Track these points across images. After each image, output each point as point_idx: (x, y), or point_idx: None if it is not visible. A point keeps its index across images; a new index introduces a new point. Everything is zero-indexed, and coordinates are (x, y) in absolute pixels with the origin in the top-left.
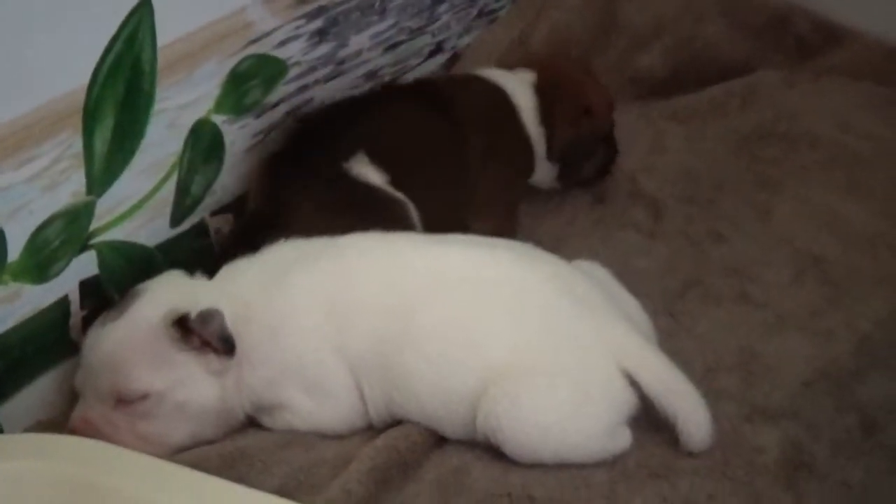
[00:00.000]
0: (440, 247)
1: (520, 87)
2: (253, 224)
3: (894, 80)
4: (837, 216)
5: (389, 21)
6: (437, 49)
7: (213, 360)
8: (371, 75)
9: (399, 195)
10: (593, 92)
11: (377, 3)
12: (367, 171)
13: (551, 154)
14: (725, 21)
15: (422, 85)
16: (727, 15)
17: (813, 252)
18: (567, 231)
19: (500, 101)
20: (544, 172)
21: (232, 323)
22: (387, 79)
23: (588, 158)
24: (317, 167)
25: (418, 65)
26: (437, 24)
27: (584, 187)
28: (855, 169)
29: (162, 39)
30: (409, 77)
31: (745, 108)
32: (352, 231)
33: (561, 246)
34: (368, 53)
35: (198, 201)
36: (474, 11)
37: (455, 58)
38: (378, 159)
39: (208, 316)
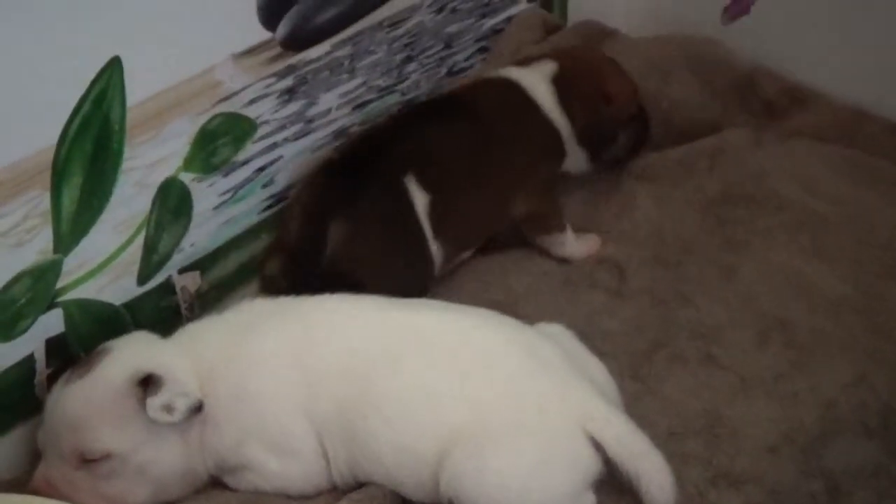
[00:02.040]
0: (404, 311)
1: (536, 80)
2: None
3: (860, 142)
4: (803, 279)
5: (358, 80)
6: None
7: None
8: (340, 133)
9: (426, 227)
10: (613, 79)
11: (346, 63)
12: (415, 191)
13: (577, 140)
14: (693, 80)
15: (449, 99)
16: (695, 74)
17: (778, 315)
18: (533, 289)
19: (518, 97)
20: (575, 157)
21: (197, 383)
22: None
23: (612, 142)
24: (377, 177)
25: None
26: (407, 83)
27: (617, 167)
28: (821, 232)
29: (131, 98)
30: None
31: (713, 168)
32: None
33: (527, 304)
34: (337, 112)
35: (165, 259)
36: (443, 70)
37: None
38: (424, 181)
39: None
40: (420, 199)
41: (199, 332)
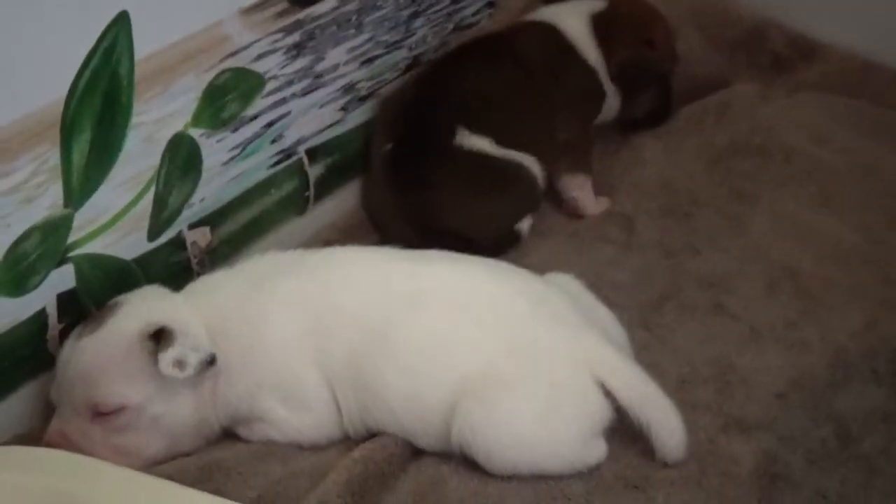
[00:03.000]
0: (415, 263)
1: (573, 19)
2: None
3: (868, 93)
4: (812, 229)
5: (366, 35)
6: (414, 63)
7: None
8: (348, 88)
9: (510, 153)
10: (659, 27)
11: (353, 18)
12: (474, 141)
13: (611, 76)
14: (701, 35)
15: (489, 41)
16: (702, 29)
17: (788, 265)
18: (542, 242)
19: (553, 38)
20: (609, 101)
21: (209, 336)
22: (363, 92)
23: (645, 89)
24: (436, 149)
25: (395, 78)
26: (414, 39)
27: (641, 130)
28: (829, 182)
29: (139, 53)
30: (386, 90)
31: (721, 122)
32: (499, 203)
33: (536, 258)
34: (345, 67)
35: (175, 215)
36: (450, 26)
37: None
38: (477, 127)
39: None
40: (482, 143)
41: (211, 284)
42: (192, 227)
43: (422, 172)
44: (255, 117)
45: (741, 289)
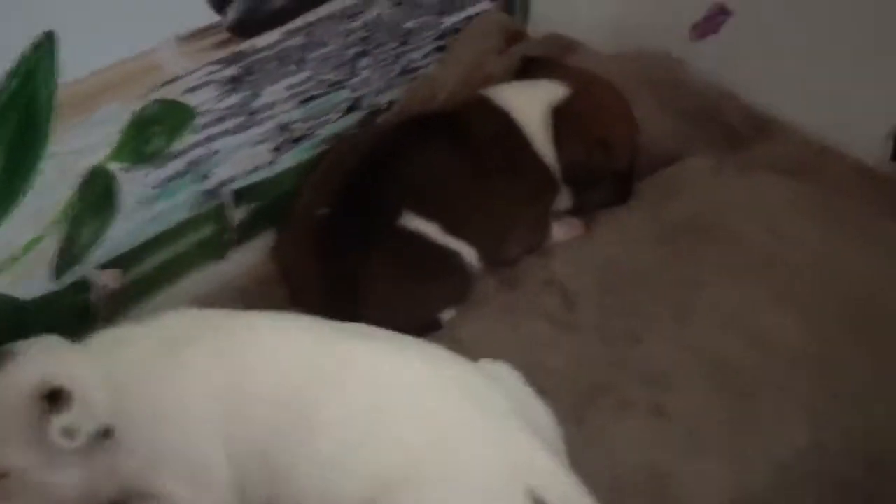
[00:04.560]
0: (344, 340)
1: (530, 108)
2: (330, 297)
3: (826, 180)
4: (761, 327)
5: (307, 72)
6: (355, 105)
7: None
8: (282, 129)
9: (453, 242)
10: (618, 125)
11: (297, 53)
12: (419, 225)
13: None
14: (656, 105)
15: (443, 120)
16: (658, 99)
17: (733, 364)
18: (473, 317)
19: (508, 129)
20: (564, 194)
21: (110, 401)
22: (298, 134)
23: (595, 188)
24: (378, 228)
25: (333, 121)
26: (357, 80)
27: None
28: (783, 277)
29: (63, 77)
30: (322, 133)
31: (672, 199)
32: (431, 292)
33: (466, 334)
34: (282, 106)
35: (84, 254)
36: (397, 68)
37: (373, 115)
38: (425, 211)
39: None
40: (428, 228)
41: (118, 340)
42: (102, 267)
43: (357, 250)
44: (180, 153)
45: (682, 387)
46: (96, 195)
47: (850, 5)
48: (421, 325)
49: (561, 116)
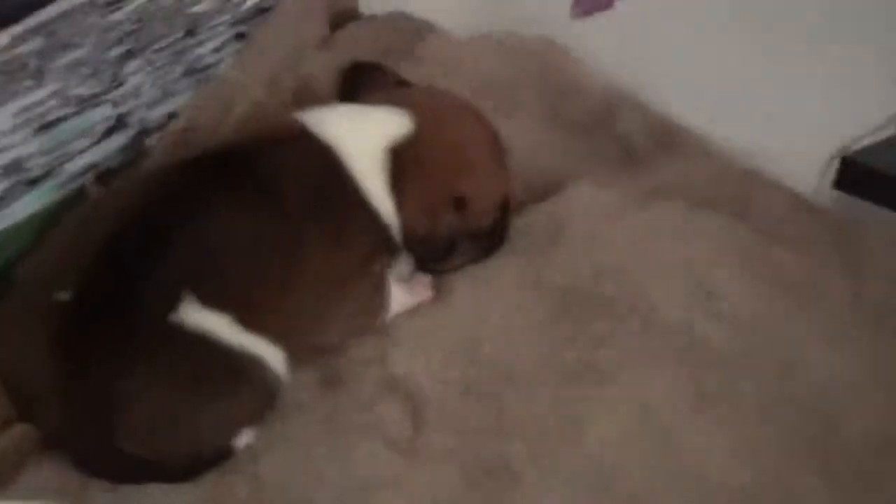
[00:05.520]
0: None
1: (360, 143)
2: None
3: (752, 215)
4: (679, 449)
5: (49, 88)
6: (119, 125)
7: None
8: (13, 168)
9: (250, 342)
10: (479, 172)
11: (32, 63)
12: (203, 320)
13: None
14: (532, 111)
15: (237, 154)
16: (535, 101)
17: None
18: (280, 439)
19: (327, 165)
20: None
21: None
22: (36, 173)
23: (447, 255)
24: (143, 324)
25: (84, 150)
26: (123, 90)
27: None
28: (707, 373)
29: None
30: (70, 169)
31: (556, 246)
32: (219, 413)
33: (269, 469)
34: (11, 137)
35: None
36: (179, 69)
37: (144, 136)
38: (213, 299)
39: None
40: (216, 323)
41: None
42: None
43: (113, 357)
44: None
45: None
46: None
47: None
48: (205, 457)
49: (400, 162)
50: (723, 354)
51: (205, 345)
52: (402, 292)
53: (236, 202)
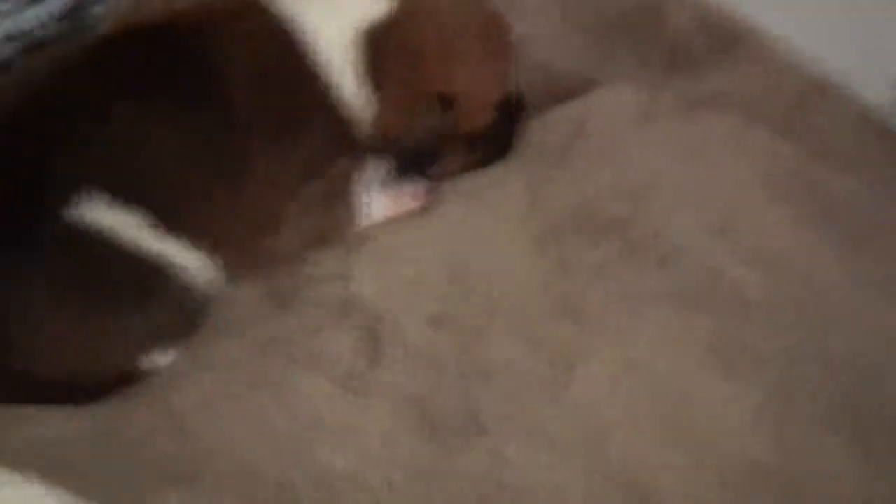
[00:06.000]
0: None
1: (328, 23)
2: None
3: (812, 134)
4: (697, 416)
5: None
6: None
7: None
8: None
9: (165, 245)
10: (470, 67)
11: None
12: (107, 218)
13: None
14: (555, 7)
15: (164, 33)
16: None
17: (644, 480)
18: (205, 366)
19: (282, 47)
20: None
21: None
22: None
23: (432, 161)
24: (33, 223)
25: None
26: None
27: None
28: (729, 323)
29: None
30: None
31: (566, 161)
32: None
33: (186, 399)
34: None
35: None
36: None
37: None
38: (123, 193)
39: None
40: (120, 222)
41: None
42: None
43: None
44: None
45: None
46: None
47: None
48: (108, 379)
49: (376, 47)
50: (747, 301)
51: (106, 247)
52: (385, 199)
53: (162, 86)
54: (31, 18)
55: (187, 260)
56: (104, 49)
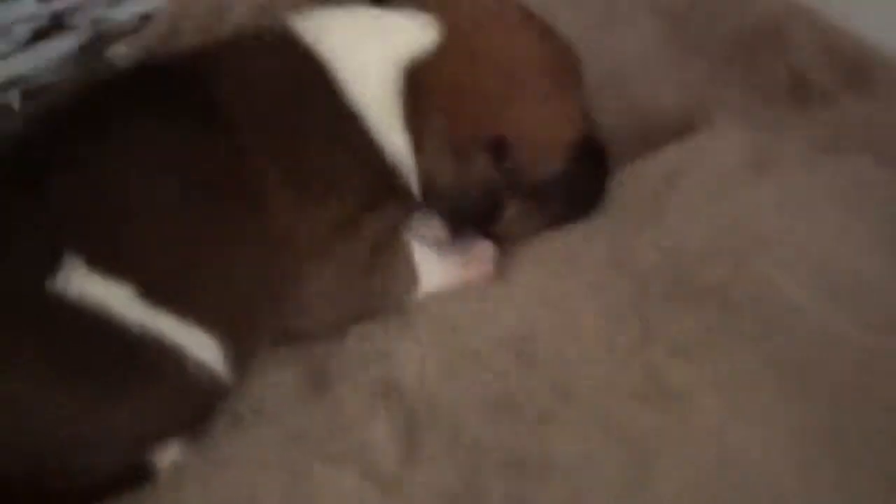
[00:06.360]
0: None
1: (366, 57)
2: None
3: None
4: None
5: None
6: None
7: None
8: None
9: (161, 319)
10: (526, 106)
11: None
12: (94, 290)
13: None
14: (662, 28)
15: (173, 71)
16: (666, 17)
17: None
18: (220, 453)
19: (309, 84)
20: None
21: None
22: None
23: (488, 218)
24: (10, 295)
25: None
26: None
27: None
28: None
29: None
30: None
31: (663, 214)
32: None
33: (194, 487)
34: None
35: None
36: None
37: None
38: (107, 261)
39: None
40: (108, 294)
41: None
42: None
43: None
44: None
45: None
46: None
47: None
48: (101, 481)
49: (420, 85)
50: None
51: (93, 324)
52: (442, 265)
53: (162, 131)
54: (29, 61)
55: (187, 337)
56: (103, 88)
